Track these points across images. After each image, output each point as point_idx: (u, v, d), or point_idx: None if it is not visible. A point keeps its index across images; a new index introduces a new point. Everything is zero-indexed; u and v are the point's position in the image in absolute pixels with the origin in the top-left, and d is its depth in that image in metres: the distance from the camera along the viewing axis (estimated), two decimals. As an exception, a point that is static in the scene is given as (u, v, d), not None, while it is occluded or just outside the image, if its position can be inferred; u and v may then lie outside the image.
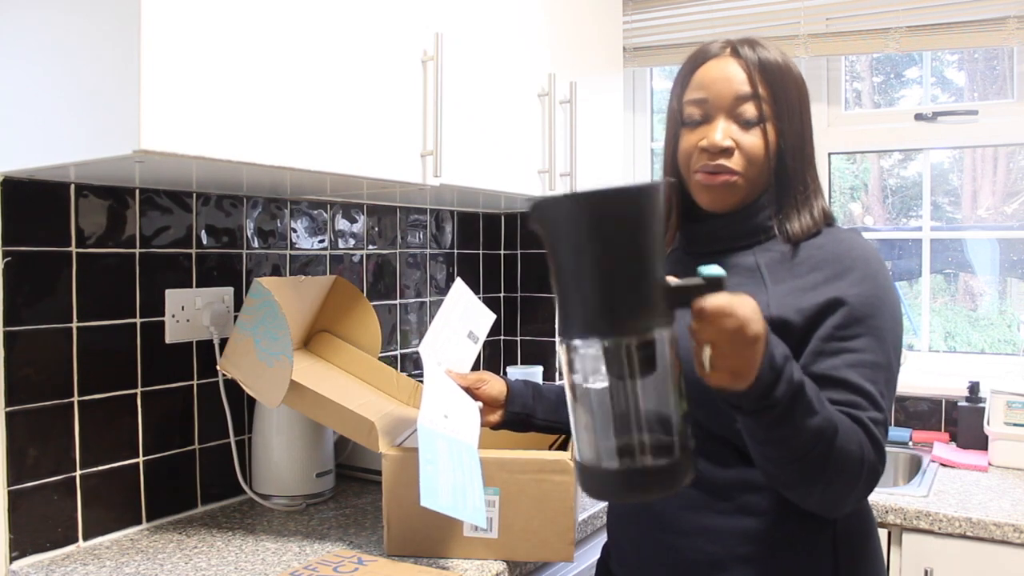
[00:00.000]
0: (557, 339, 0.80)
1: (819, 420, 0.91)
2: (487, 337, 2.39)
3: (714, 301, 0.78)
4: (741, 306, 0.79)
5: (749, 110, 1.08)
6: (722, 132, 1.08)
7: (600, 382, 0.76)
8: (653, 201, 0.75)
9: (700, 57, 1.13)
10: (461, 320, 1.41)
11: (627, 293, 0.75)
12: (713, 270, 0.80)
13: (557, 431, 1.41)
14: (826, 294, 1.02)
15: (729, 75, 1.09)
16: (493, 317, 1.49)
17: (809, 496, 0.98)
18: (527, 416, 1.37)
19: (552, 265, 0.77)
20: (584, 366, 0.77)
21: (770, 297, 1.05)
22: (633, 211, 0.74)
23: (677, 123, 1.15)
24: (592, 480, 0.78)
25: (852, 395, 0.98)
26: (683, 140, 1.13)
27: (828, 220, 1.13)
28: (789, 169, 1.10)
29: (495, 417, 1.37)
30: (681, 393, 0.78)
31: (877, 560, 1.13)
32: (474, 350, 1.44)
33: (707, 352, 0.81)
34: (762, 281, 1.08)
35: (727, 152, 1.08)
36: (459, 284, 1.40)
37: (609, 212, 0.74)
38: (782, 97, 1.10)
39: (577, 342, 0.76)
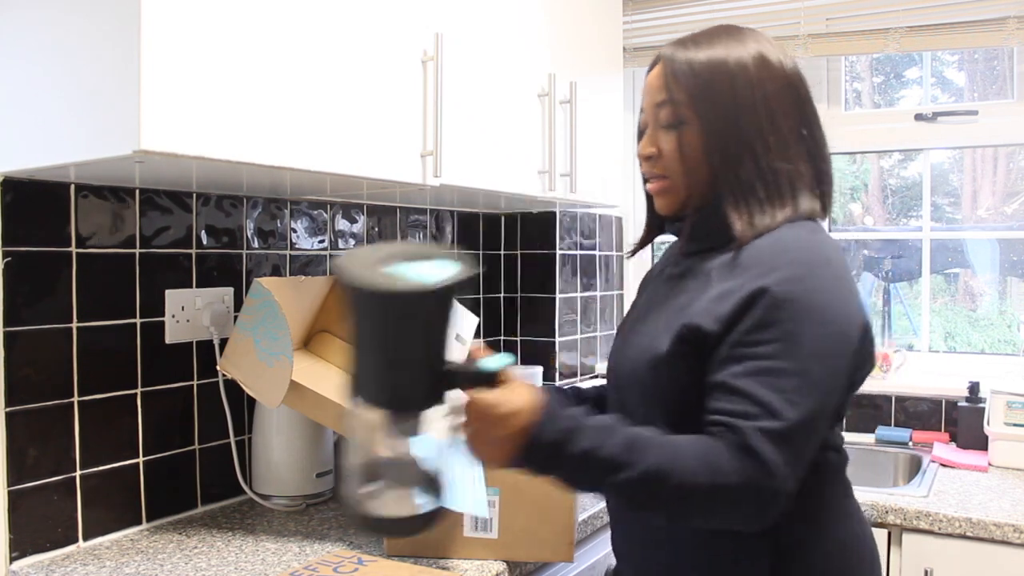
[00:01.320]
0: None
1: (628, 474, 0.90)
2: (487, 338, 2.40)
3: (476, 399, 0.89)
4: (502, 405, 0.88)
5: (666, 115, 1.07)
6: (646, 140, 1.10)
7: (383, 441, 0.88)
8: (434, 301, 0.84)
9: (649, 67, 1.14)
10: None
11: (403, 376, 0.86)
12: (495, 362, 0.91)
13: None
14: (742, 296, 0.97)
15: (651, 83, 1.11)
16: (476, 320, 1.49)
17: (674, 522, 1.01)
18: None
19: (351, 329, 0.87)
20: (363, 425, 0.88)
21: (702, 303, 1.01)
22: (416, 309, 0.83)
23: None
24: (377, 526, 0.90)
25: (744, 405, 0.92)
26: None
27: (797, 218, 1.04)
28: (718, 168, 1.05)
29: None
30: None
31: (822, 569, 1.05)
32: (463, 352, 1.44)
33: (464, 434, 0.90)
34: (709, 287, 1.04)
35: (651, 159, 1.10)
36: None
37: (392, 309, 0.83)
38: (703, 96, 1.05)
39: (361, 404, 0.87)
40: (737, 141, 1.05)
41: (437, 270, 0.83)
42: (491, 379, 0.90)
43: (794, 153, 1.05)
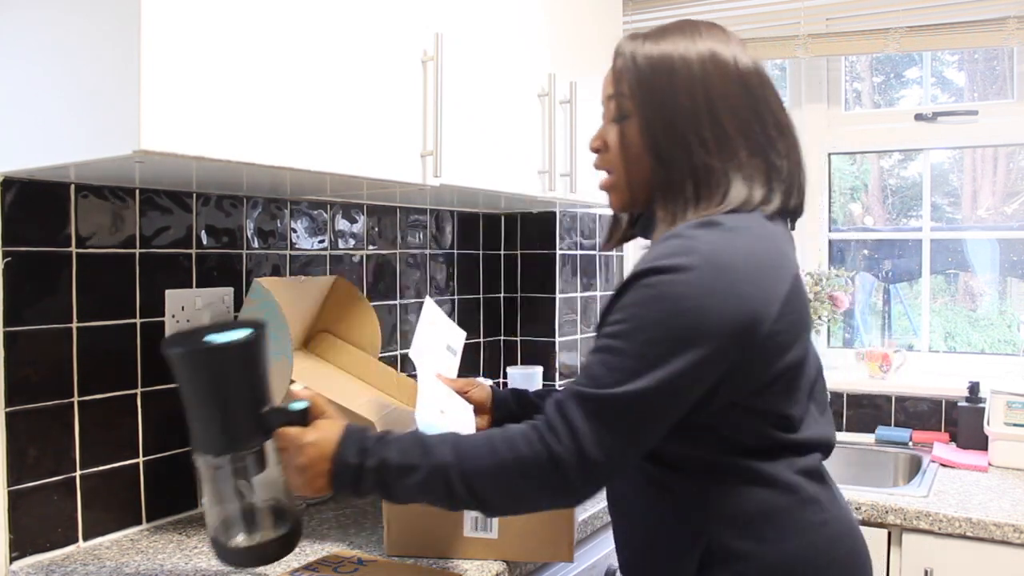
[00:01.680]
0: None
1: (419, 475, 0.98)
2: (487, 338, 2.40)
3: (281, 434, 1.03)
4: (303, 437, 1.02)
5: (611, 108, 1.09)
6: (595, 135, 1.12)
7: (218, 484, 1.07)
8: (235, 354, 1.03)
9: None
10: (440, 333, 1.42)
11: (224, 421, 1.05)
12: (301, 403, 1.07)
13: None
14: (615, 289, 0.98)
15: (604, 77, 1.12)
16: (464, 334, 1.50)
17: (492, 512, 1.05)
18: (515, 421, 1.35)
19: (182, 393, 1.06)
20: (206, 473, 1.07)
21: None
22: (222, 364, 1.03)
23: None
24: (226, 554, 1.09)
25: (579, 376, 0.97)
26: None
27: (720, 212, 1.00)
28: (653, 165, 1.04)
29: (483, 422, 1.36)
30: (279, 488, 1.09)
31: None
32: (455, 362, 1.44)
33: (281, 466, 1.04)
34: None
35: (598, 153, 1.12)
36: (430, 303, 1.40)
37: (204, 365, 1.03)
38: (644, 90, 1.04)
39: (201, 455, 1.06)
40: (673, 137, 1.02)
41: (237, 333, 1.03)
42: (302, 418, 1.06)
43: (737, 150, 1.01)
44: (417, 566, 1.26)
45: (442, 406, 1.26)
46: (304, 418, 1.06)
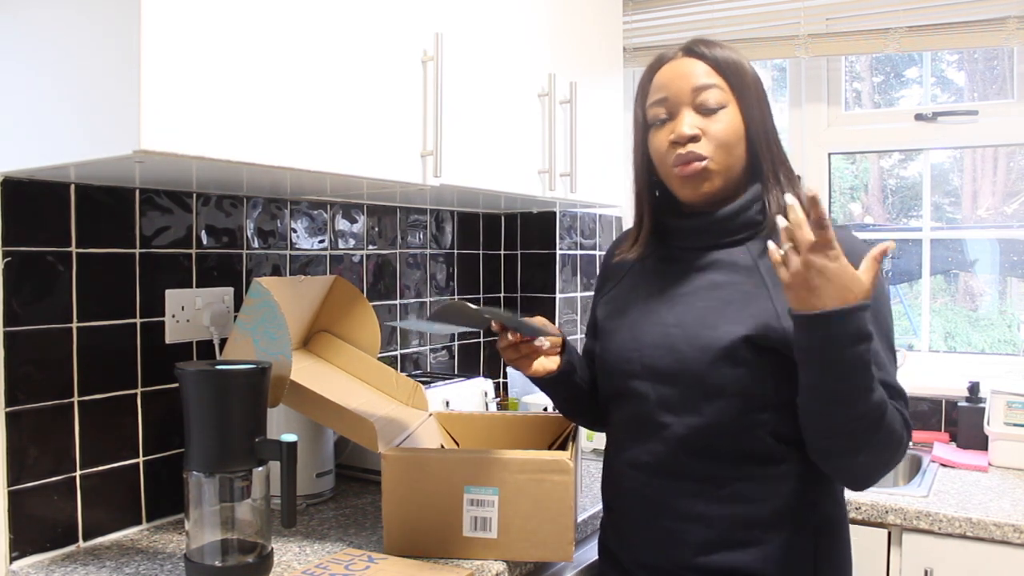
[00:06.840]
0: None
1: (878, 394, 1.02)
2: (488, 339, 2.40)
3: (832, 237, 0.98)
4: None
5: (709, 98, 1.14)
6: (687, 123, 1.14)
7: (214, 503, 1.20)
8: (242, 381, 1.20)
9: (656, 63, 1.20)
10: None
11: (220, 443, 1.18)
12: (291, 437, 1.20)
13: (583, 394, 1.35)
14: None
15: (685, 71, 1.15)
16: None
17: (852, 463, 1.06)
18: (572, 370, 1.31)
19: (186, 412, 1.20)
20: (192, 492, 1.20)
21: (776, 303, 1.11)
22: (232, 386, 1.19)
23: (643, 128, 1.21)
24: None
25: (889, 376, 1.11)
26: (653, 142, 1.19)
27: None
28: (760, 154, 1.16)
29: (553, 364, 1.29)
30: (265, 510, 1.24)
31: (847, 545, 1.23)
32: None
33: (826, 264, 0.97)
34: (763, 282, 1.13)
35: (695, 139, 1.14)
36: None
37: (215, 386, 1.18)
38: (739, 85, 1.15)
39: (194, 473, 1.20)
40: (766, 131, 1.16)
41: (246, 365, 1.20)
42: (291, 451, 1.19)
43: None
44: (428, 563, 1.26)
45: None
46: (293, 451, 1.19)
